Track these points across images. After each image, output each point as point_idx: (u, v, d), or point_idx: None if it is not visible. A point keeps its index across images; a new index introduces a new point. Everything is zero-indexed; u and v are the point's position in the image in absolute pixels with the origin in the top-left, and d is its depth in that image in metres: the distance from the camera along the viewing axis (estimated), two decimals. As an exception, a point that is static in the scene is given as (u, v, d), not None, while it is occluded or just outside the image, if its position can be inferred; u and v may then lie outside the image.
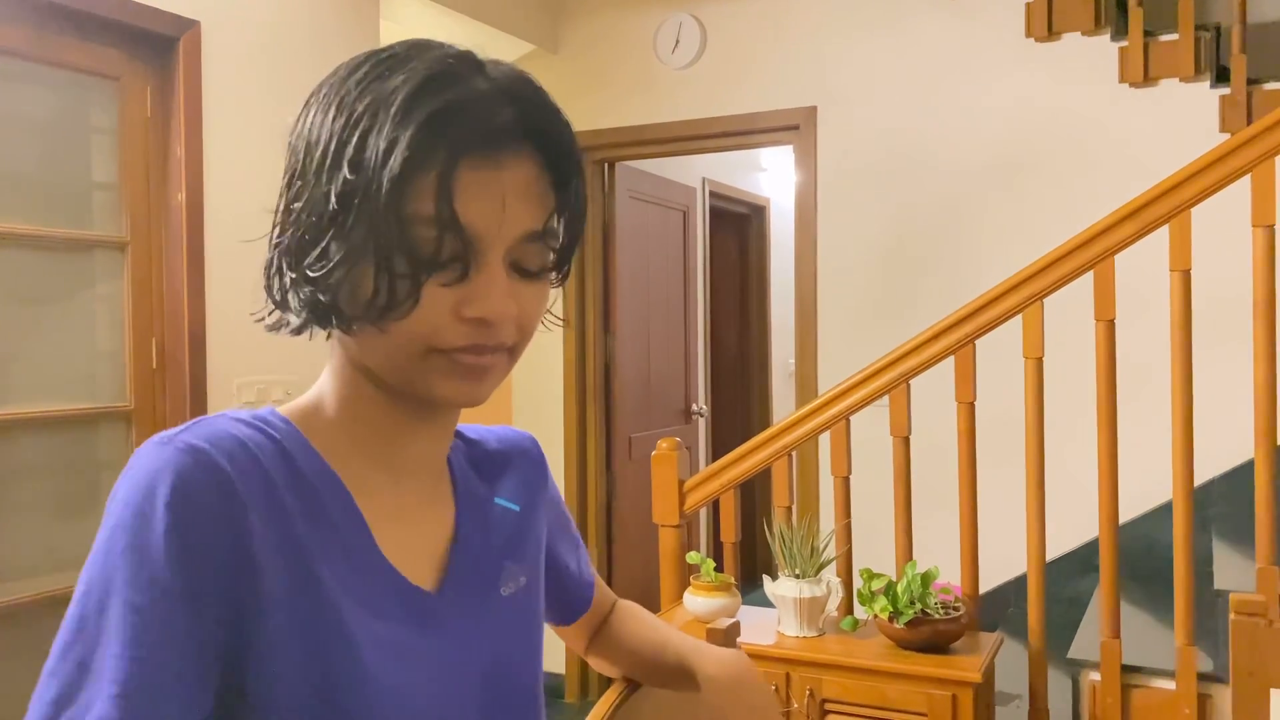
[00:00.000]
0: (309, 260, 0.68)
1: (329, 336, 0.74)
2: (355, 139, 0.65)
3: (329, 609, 0.67)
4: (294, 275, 0.69)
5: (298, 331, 0.73)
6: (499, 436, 0.92)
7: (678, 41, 3.80)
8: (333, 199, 0.66)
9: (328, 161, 0.66)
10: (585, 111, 3.95)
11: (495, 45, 3.80)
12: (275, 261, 0.71)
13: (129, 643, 0.60)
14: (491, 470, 0.88)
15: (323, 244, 0.67)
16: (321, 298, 0.68)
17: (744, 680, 0.93)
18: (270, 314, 0.74)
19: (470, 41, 0.72)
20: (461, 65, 0.68)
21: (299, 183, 0.69)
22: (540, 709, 0.84)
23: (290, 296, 0.71)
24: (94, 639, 0.61)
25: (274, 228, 0.71)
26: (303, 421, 0.74)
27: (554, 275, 0.74)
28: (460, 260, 0.66)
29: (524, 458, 0.92)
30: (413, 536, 0.77)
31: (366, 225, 0.65)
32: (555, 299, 0.78)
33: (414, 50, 0.69)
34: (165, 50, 2.55)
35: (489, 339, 0.69)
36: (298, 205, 0.68)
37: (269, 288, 0.73)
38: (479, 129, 0.66)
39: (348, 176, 0.65)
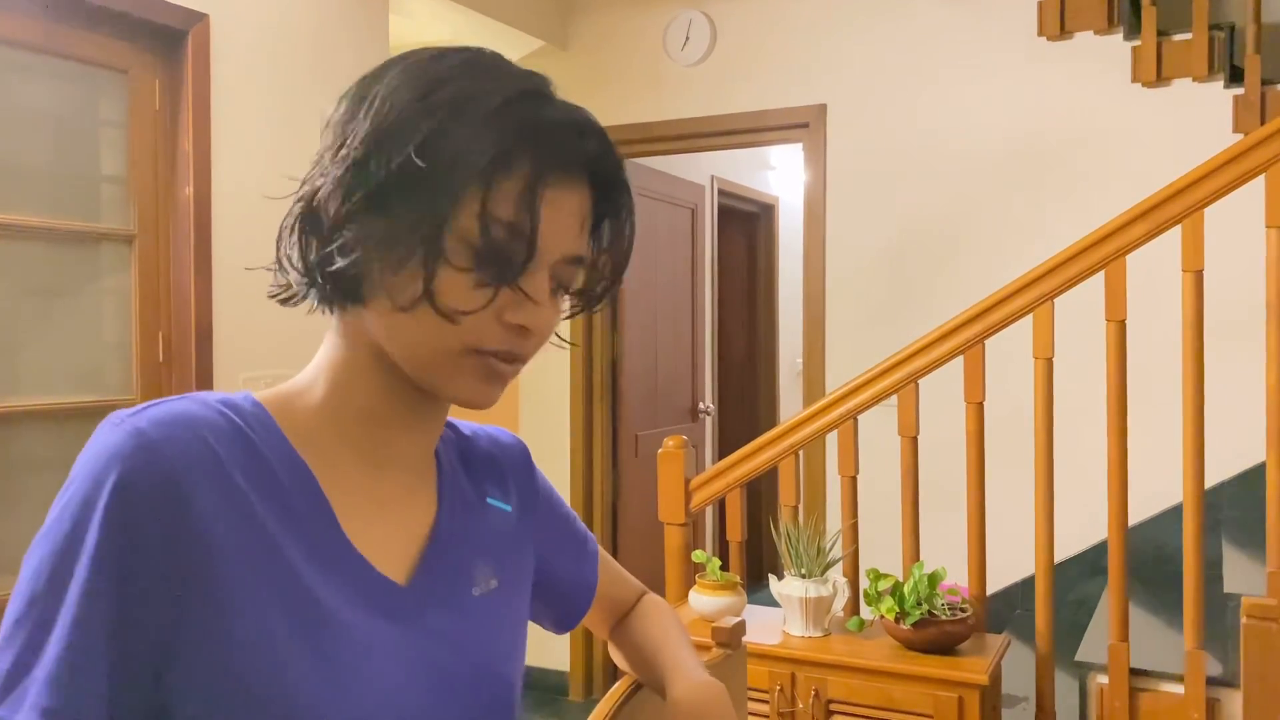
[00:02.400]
0: (350, 228, 0.68)
1: (332, 311, 0.74)
2: (437, 125, 0.66)
3: (295, 582, 0.67)
4: (321, 240, 0.69)
5: (299, 300, 0.74)
6: (490, 437, 0.91)
7: (687, 38, 3.79)
8: (391, 173, 0.66)
9: (397, 139, 0.66)
10: (594, 108, 3.85)
11: (505, 40, 3.79)
12: (298, 225, 0.71)
13: (68, 630, 0.61)
14: (481, 470, 0.87)
15: (372, 218, 0.67)
16: (354, 271, 0.68)
17: (708, 711, 0.89)
18: (282, 288, 0.74)
19: (480, 37, 0.73)
20: (545, 86, 0.72)
21: (355, 152, 0.68)
22: (511, 716, 0.82)
23: (312, 263, 0.70)
24: (44, 619, 0.62)
25: (308, 189, 0.70)
26: (279, 408, 0.73)
27: (584, 302, 0.78)
28: (520, 268, 0.68)
29: (513, 462, 0.91)
30: (389, 530, 0.75)
31: (426, 211, 0.66)
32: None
33: (497, 61, 0.72)
34: (174, 43, 2.55)
35: (522, 348, 0.71)
36: (348, 175, 0.68)
37: (289, 255, 0.72)
38: (569, 151, 0.70)
39: (418, 162, 0.65)
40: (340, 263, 0.68)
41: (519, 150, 0.67)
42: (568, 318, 0.78)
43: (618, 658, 1.06)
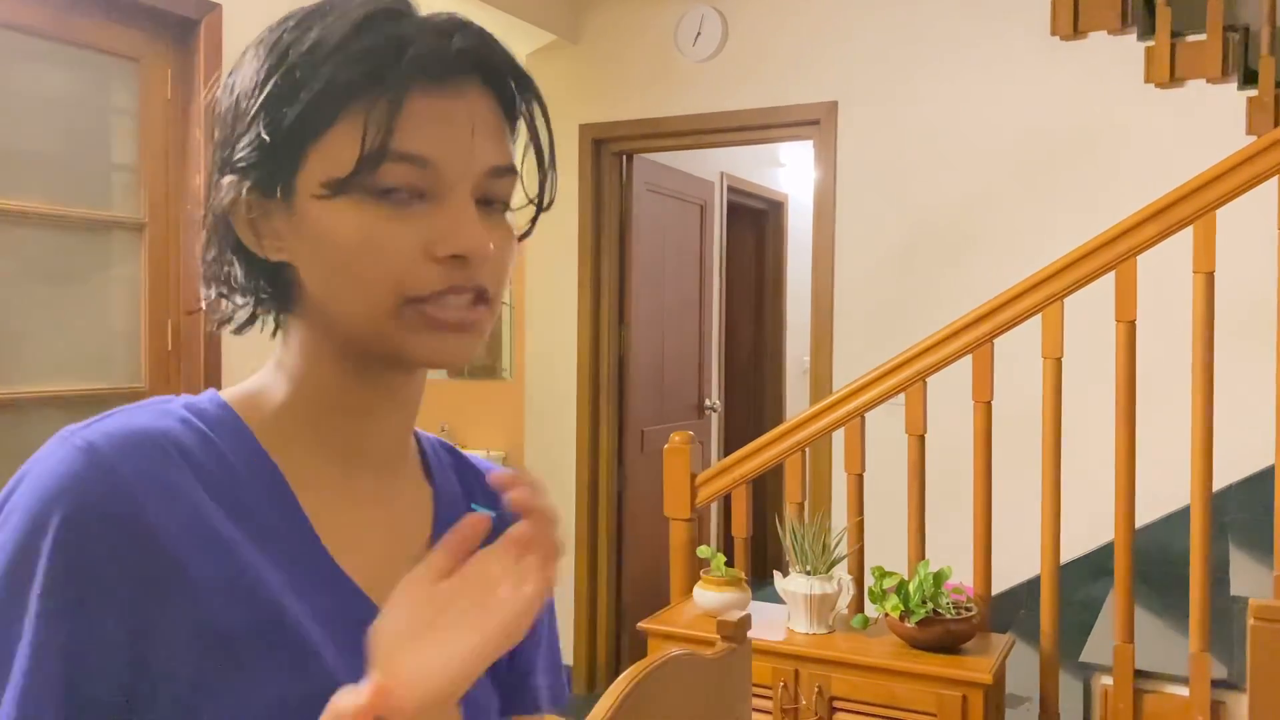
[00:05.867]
0: (258, 230, 0.65)
1: (276, 329, 0.71)
2: (297, 83, 0.62)
3: (270, 608, 0.63)
4: (240, 252, 0.67)
5: (249, 323, 0.70)
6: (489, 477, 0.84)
7: (699, 33, 3.78)
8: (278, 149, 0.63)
9: (264, 115, 0.63)
10: (604, 102, 3.94)
11: (515, 34, 3.79)
12: (215, 244, 0.68)
13: (26, 656, 0.57)
14: (476, 488, 0.81)
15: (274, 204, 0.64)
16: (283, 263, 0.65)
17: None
18: (219, 307, 0.70)
19: (489, 29, 0.69)
20: (398, 4, 0.65)
21: (239, 144, 0.65)
22: None
23: (239, 276, 0.67)
24: None
25: (208, 205, 0.67)
26: (245, 405, 0.69)
27: (524, 227, 0.71)
28: (422, 194, 0.63)
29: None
30: (369, 534, 0.71)
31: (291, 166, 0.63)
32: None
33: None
34: (186, 32, 2.55)
35: (467, 280, 0.64)
36: (243, 168, 0.65)
37: (212, 276, 0.69)
38: (430, 57, 0.62)
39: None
40: (276, 255, 0.66)
41: (376, 73, 0.61)
42: (524, 235, 0.71)
43: None
